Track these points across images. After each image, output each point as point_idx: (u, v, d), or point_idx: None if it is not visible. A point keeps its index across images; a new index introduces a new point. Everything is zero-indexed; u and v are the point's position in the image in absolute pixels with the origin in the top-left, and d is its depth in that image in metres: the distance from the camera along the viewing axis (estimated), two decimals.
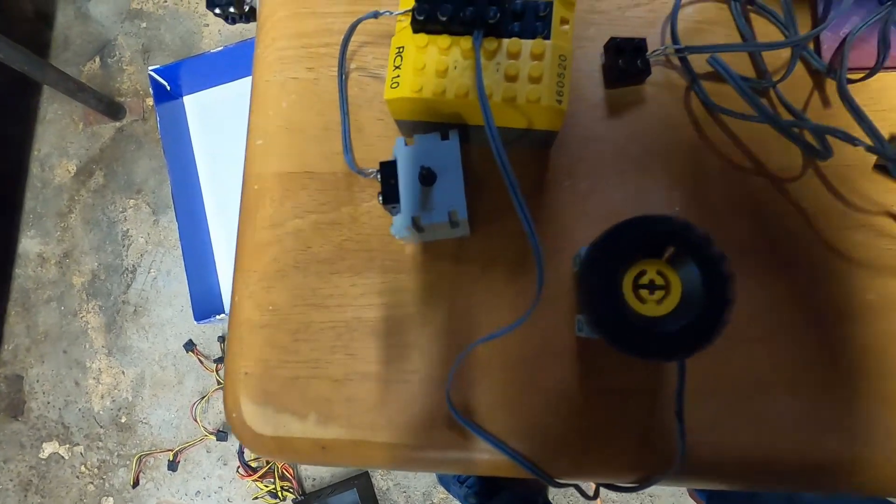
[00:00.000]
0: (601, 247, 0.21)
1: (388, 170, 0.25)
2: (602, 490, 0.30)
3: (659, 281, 0.21)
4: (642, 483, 0.27)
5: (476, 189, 0.30)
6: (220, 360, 1.13)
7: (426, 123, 0.27)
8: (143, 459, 1.15)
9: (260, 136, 0.31)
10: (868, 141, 0.24)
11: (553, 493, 1.04)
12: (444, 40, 0.24)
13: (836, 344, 0.27)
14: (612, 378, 0.28)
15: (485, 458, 0.28)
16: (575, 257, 0.28)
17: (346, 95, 0.31)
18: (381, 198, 0.25)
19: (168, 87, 1.09)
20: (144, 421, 1.17)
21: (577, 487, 0.33)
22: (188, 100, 1.10)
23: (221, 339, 1.14)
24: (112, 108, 1.23)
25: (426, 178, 0.24)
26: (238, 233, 0.31)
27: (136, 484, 1.14)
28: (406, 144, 0.25)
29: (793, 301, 0.27)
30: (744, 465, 0.26)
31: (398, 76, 0.24)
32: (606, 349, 0.28)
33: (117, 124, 1.26)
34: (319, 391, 0.29)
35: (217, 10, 0.30)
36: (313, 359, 0.29)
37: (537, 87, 0.23)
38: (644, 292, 0.22)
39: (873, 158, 0.28)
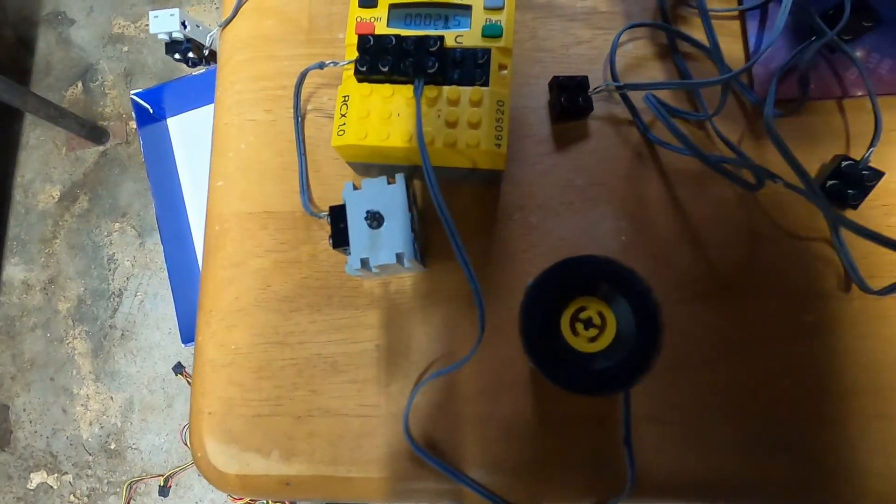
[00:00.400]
0: (534, 291, 0.22)
1: (337, 214, 0.25)
2: None
3: (595, 318, 0.22)
4: None
5: (432, 225, 0.31)
6: None
7: (377, 164, 0.28)
8: (134, 486, 1.13)
9: (220, 178, 0.32)
10: (797, 181, 0.25)
11: None
12: (386, 89, 0.25)
13: (778, 365, 0.28)
14: (566, 406, 0.28)
15: (446, 487, 0.29)
16: (525, 289, 0.29)
17: (302, 136, 0.32)
18: (331, 241, 0.26)
19: (151, 110, 1.09)
20: (134, 446, 1.16)
21: None
22: (171, 122, 1.10)
23: None
24: (95, 133, 1.24)
25: (373, 221, 0.25)
26: (201, 273, 0.32)
27: None
28: (354, 189, 0.26)
29: (735, 325, 0.28)
30: (694, 486, 0.27)
31: (344, 124, 0.25)
32: None
33: (101, 148, 1.26)
34: (282, 428, 0.29)
35: (177, 56, 0.31)
36: (275, 396, 0.29)
37: (476, 132, 0.24)
38: (582, 329, 0.22)
39: None
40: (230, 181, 0.32)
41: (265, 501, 1.10)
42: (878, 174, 0.27)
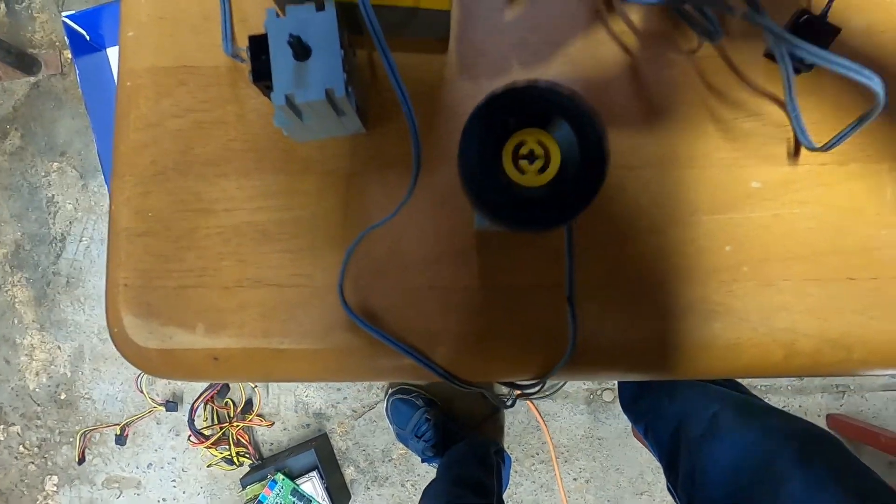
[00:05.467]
0: (474, 120, 0.20)
1: (257, 45, 0.23)
2: (552, 432, 0.30)
3: (538, 150, 0.21)
4: (540, 377, 0.27)
5: (373, 86, 0.28)
6: None
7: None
8: (88, 435, 1.10)
9: (131, 28, 0.28)
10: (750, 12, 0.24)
11: (507, 442, 1.07)
12: None
13: (722, 232, 0.27)
14: (511, 274, 0.27)
15: (388, 363, 0.28)
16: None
17: None
18: (251, 76, 0.23)
19: (87, 37, 0.99)
20: (86, 396, 1.12)
21: (492, 395, 0.34)
22: (112, 52, 1.00)
23: None
24: (24, 62, 1.11)
25: (298, 50, 0.22)
26: (114, 136, 0.28)
27: (81, 460, 1.09)
28: (278, 17, 0.23)
29: (682, 193, 0.27)
30: (634, 352, 0.27)
31: None
32: (504, 244, 0.27)
33: (32, 79, 1.15)
34: (208, 300, 0.27)
35: None
36: (199, 267, 0.27)
37: None
38: (524, 163, 0.21)
39: (763, 47, 0.28)
40: (142, 31, 0.28)
41: (228, 445, 1.08)
42: (835, 29, 0.26)
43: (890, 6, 0.28)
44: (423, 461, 1.03)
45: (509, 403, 0.33)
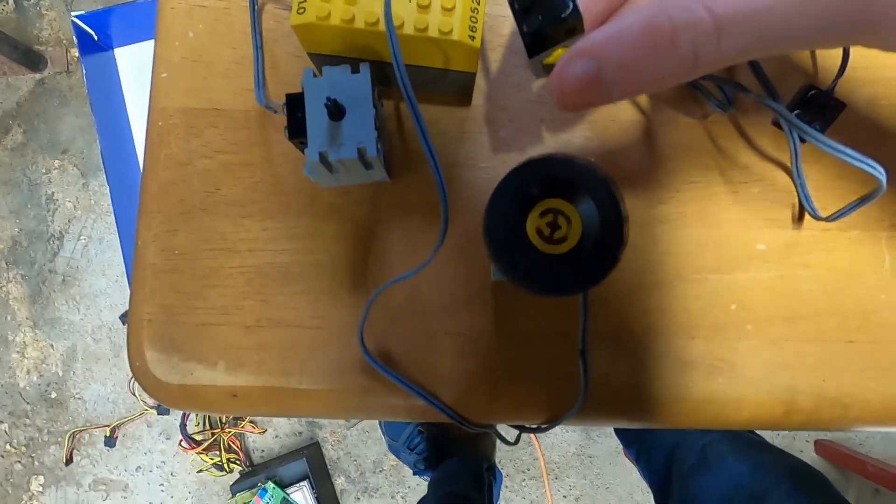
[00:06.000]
0: (503, 187, 0.21)
1: (294, 102, 0.23)
2: (543, 448, 0.31)
3: (561, 220, 0.22)
4: (550, 423, 0.28)
5: (398, 135, 0.29)
6: None
7: (342, 59, 0.26)
8: (77, 436, 1.09)
9: (164, 69, 0.29)
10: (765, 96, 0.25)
11: (499, 458, 1.08)
12: None
13: (727, 290, 0.28)
14: (524, 321, 0.28)
15: (400, 403, 0.28)
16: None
17: (258, 27, 0.29)
18: (287, 132, 0.24)
19: (96, 37, 0.99)
20: (77, 396, 1.11)
21: (497, 433, 0.34)
22: (120, 53, 1.00)
23: None
24: (30, 58, 1.11)
25: (333, 110, 0.23)
26: (142, 173, 0.29)
27: (69, 461, 1.08)
28: (315, 76, 0.24)
29: (690, 249, 0.29)
30: (641, 402, 0.28)
31: (305, 1, 0.23)
32: (518, 292, 0.28)
33: (37, 76, 1.15)
34: (229, 338, 0.28)
35: None
36: (222, 305, 0.28)
37: (449, 18, 0.23)
38: (547, 231, 0.22)
39: (771, 115, 0.29)
40: (175, 73, 0.29)
41: (219, 451, 1.07)
42: (841, 105, 0.27)
43: (891, 81, 0.29)
44: (414, 474, 1.04)
45: (513, 441, 0.34)
